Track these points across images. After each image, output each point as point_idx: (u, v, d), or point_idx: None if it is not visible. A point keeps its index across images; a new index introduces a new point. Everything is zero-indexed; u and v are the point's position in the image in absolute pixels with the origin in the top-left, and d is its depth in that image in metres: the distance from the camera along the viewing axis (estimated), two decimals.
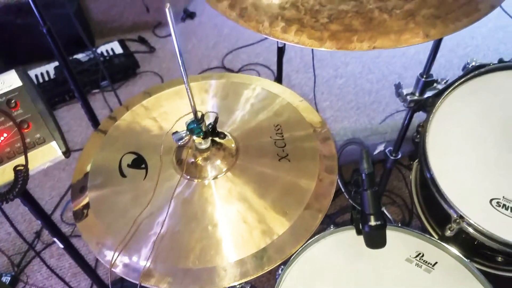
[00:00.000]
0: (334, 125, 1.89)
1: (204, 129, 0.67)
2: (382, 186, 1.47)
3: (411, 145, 1.08)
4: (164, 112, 0.82)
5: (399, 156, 1.24)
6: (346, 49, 0.56)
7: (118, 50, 2.02)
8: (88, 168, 0.77)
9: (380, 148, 1.33)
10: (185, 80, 0.59)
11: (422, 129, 0.85)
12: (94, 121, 1.26)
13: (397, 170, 1.66)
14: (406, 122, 1.15)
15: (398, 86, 1.09)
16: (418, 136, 0.88)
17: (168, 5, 0.52)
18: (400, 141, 1.20)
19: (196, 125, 0.65)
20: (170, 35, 0.54)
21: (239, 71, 2.11)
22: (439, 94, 0.89)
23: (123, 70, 1.98)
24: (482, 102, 0.84)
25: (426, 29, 0.56)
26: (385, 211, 1.47)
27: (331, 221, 1.49)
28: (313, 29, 0.57)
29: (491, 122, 0.81)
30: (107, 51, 2.02)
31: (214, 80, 0.88)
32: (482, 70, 0.88)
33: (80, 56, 1.96)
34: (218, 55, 2.18)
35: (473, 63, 0.98)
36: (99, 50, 2.02)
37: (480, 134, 0.80)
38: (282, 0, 0.58)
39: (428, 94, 1.03)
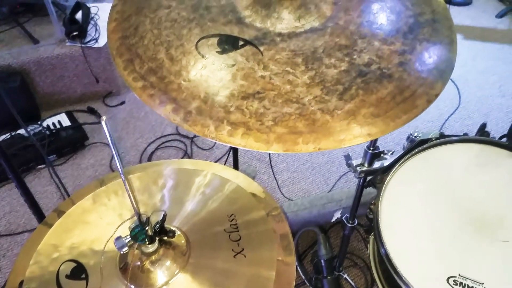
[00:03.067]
0: (292, 186, 1.90)
1: (150, 232, 0.63)
2: (343, 250, 1.47)
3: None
4: (110, 208, 0.77)
5: (356, 223, 1.25)
6: (292, 151, 0.56)
7: (66, 122, 1.95)
8: (25, 275, 0.70)
9: (337, 215, 1.34)
10: (126, 187, 0.56)
11: (374, 206, 0.86)
12: (35, 207, 1.17)
13: (355, 231, 1.66)
14: (359, 190, 1.17)
15: (347, 157, 1.12)
16: (371, 213, 0.89)
17: (104, 118, 0.50)
18: (355, 208, 1.21)
19: (141, 229, 0.61)
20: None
21: (194, 137, 2.10)
22: (387, 170, 0.92)
23: (71, 143, 1.90)
24: (429, 177, 0.87)
25: (367, 128, 0.57)
26: (347, 278, 1.46)
27: None
28: (259, 132, 0.56)
29: (440, 198, 0.84)
30: (53, 124, 1.94)
31: (164, 168, 0.85)
32: (425, 146, 0.92)
33: (24, 131, 1.86)
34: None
35: (416, 134, 1.04)
36: (45, 123, 1.93)
37: (431, 210, 0.82)
38: (226, 104, 0.58)
39: (377, 163, 1.07)
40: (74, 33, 2.04)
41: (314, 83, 0.60)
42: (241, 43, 0.64)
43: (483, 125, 0.95)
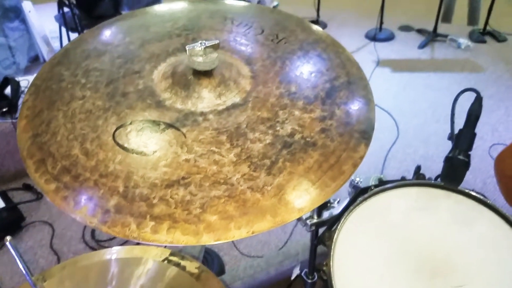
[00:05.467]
0: (249, 240, 1.85)
1: None
2: None
3: None
4: None
5: (316, 278, 1.22)
6: (225, 240, 0.53)
7: None
8: None
9: (296, 271, 1.30)
10: None
11: (327, 268, 0.83)
12: None
13: (319, 279, 1.63)
14: (313, 242, 1.15)
15: None
16: (324, 274, 0.87)
17: (8, 238, 0.45)
18: (312, 262, 1.19)
19: None
20: None
21: None
22: (332, 225, 0.91)
23: (5, 227, 1.74)
24: (374, 229, 0.86)
25: (300, 201, 0.56)
26: None
27: None
28: (186, 223, 0.53)
29: (389, 250, 0.82)
30: None
31: (95, 261, 0.78)
32: (366, 195, 0.92)
33: None
34: None
35: (357, 180, 1.05)
36: None
37: (383, 265, 0.81)
38: (149, 196, 0.55)
39: (326, 213, 1.07)
40: (4, 109, 1.95)
41: (241, 160, 0.58)
42: (162, 127, 0.62)
43: (418, 168, 0.98)
